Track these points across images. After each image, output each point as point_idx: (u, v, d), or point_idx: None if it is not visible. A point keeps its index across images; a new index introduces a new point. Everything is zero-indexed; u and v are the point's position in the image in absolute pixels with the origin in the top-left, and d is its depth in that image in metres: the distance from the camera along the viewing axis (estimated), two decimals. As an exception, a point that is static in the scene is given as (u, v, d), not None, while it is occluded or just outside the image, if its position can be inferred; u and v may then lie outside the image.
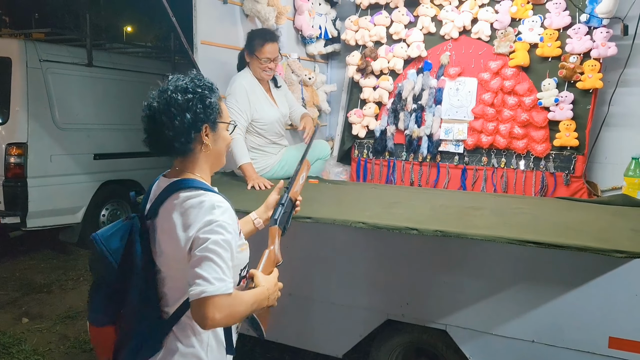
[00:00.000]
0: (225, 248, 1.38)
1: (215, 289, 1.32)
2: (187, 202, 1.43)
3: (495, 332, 2.40)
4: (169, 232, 1.44)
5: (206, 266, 1.34)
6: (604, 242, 1.95)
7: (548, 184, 3.71)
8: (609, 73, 3.57)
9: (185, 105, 1.46)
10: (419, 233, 2.16)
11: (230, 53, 3.58)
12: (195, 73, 1.57)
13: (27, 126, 4.92)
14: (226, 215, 1.43)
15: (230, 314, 1.37)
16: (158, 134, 1.48)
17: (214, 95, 1.53)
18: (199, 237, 1.38)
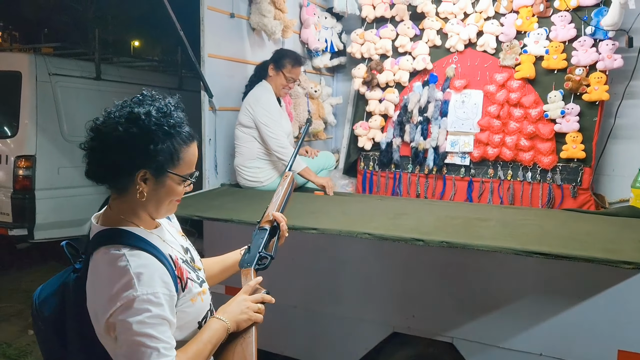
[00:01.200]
0: (155, 324, 1.17)
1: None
2: (104, 271, 1.20)
3: (502, 345, 2.38)
4: (89, 300, 1.22)
5: (138, 355, 1.14)
6: (611, 254, 1.94)
7: (555, 196, 3.69)
8: (615, 85, 3.57)
9: (123, 139, 1.22)
10: (425, 244, 2.15)
11: (237, 66, 3.62)
12: (176, 98, 1.34)
13: (36, 139, 4.96)
14: (151, 284, 1.18)
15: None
16: (93, 162, 1.27)
17: (171, 137, 1.26)
18: (119, 320, 1.15)
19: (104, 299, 1.16)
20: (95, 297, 1.20)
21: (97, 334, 1.21)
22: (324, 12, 4.41)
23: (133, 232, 1.27)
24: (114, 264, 1.18)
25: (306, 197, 3.27)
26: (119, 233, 1.25)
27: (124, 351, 1.15)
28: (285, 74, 3.43)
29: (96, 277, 1.20)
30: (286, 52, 3.55)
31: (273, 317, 2.89)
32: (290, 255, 2.82)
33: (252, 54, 3.72)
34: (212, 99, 3.33)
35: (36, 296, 1.32)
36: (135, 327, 1.14)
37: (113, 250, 1.20)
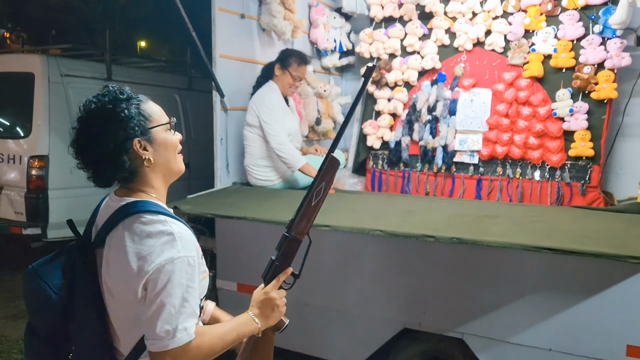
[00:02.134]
0: (188, 288, 1.22)
1: (178, 340, 1.20)
2: (141, 231, 1.24)
3: (512, 341, 2.41)
4: (119, 265, 1.24)
5: (166, 315, 1.19)
6: (619, 249, 1.96)
7: (564, 194, 3.71)
8: (623, 83, 3.58)
9: (101, 130, 1.28)
10: (436, 240, 2.19)
11: (247, 66, 3.67)
12: (103, 88, 1.36)
13: (49, 139, 5.03)
14: (189, 248, 1.25)
15: (192, 353, 1.23)
16: (95, 171, 1.33)
17: (127, 103, 1.31)
18: (157, 278, 1.19)
19: (144, 257, 1.21)
20: (133, 259, 1.22)
21: (125, 299, 1.24)
22: (332, 12, 4.44)
23: (160, 204, 1.34)
24: (151, 225, 1.24)
25: (317, 195, 3.30)
26: (148, 203, 1.30)
27: (154, 309, 1.19)
28: (291, 73, 3.48)
29: (131, 240, 1.23)
30: (292, 51, 3.61)
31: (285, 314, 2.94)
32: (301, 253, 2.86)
33: (262, 54, 3.76)
34: (223, 98, 3.38)
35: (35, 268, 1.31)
36: (170, 287, 1.19)
37: (147, 218, 1.25)
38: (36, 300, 1.31)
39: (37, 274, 1.30)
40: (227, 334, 1.33)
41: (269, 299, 1.44)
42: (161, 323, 1.18)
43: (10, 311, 4.47)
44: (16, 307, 4.56)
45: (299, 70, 3.51)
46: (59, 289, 1.29)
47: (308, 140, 4.21)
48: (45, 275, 1.30)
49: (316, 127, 4.21)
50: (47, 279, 1.29)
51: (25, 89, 5.05)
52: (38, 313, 1.33)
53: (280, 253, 1.49)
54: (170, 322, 1.19)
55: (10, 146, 5.11)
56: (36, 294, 1.30)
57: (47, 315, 1.30)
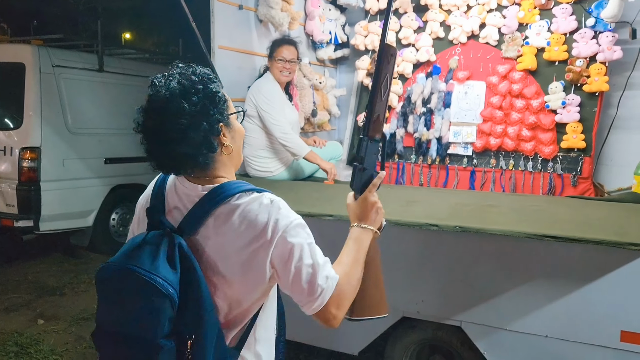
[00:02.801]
0: (310, 244, 1.26)
1: (329, 288, 1.24)
2: (249, 209, 1.21)
3: (509, 328, 2.45)
4: (230, 253, 1.21)
5: (306, 275, 1.22)
6: (618, 236, 2.02)
7: (556, 185, 3.78)
8: (614, 76, 3.65)
9: (196, 110, 1.19)
10: (439, 229, 2.23)
11: (245, 58, 3.67)
12: (182, 65, 1.29)
13: (41, 131, 4.99)
14: (292, 211, 1.27)
15: (346, 289, 1.30)
16: (170, 153, 1.21)
17: (216, 84, 1.27)
18: (283, 248, 1.21)
19: (261, 229, 1.20)
20: (250, 234, 1.20)
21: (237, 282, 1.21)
22: (328, 4, 4.45)
23: (247, 183, 1.30)
24: (255, 201, 1.22)
25: (317, 186, 3.33)
26: (237, 184, 1.27)
27: (296, 275, 1.21)
28: (276, 58, 3.50)
29: (240, 221, 1.20)
30: (273, 41, 3.63)
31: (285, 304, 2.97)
32: None
33: (259, 46, 3.77)
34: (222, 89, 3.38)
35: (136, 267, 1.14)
36: (301, 250, 1.22)
37: (247, 196, 1.23)
38: (149, 304, 1.12)
39: (145, 271, 1.12)
40: (357, 254, 1.38)
41: (372, 204, 1.45)
42: (306, 284, 1.22)
43: (3, 304, 4.44)
44: (8, 299, 4.54)
45: (280, 52, 3.51)
46: (174, 283, 1.14)
47: (304, 132, 4.22)
48: (155, 270, 1.13)
49: (312, 119, 4.23)
50: (160, 273, 1.13)
51: (15, 80, 5.00)
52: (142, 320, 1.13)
53: (365, 158, 1.46)
54: (314, 278, 1.22)
55: (1, 138, 5.07)
56: (149, 296, 1.12)
57: (168, 315, 1.14)
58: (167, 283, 1.12)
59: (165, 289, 1.12)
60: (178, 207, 1.28)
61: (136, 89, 5.87)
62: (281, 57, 3.49)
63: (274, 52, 3.52)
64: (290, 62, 3.53)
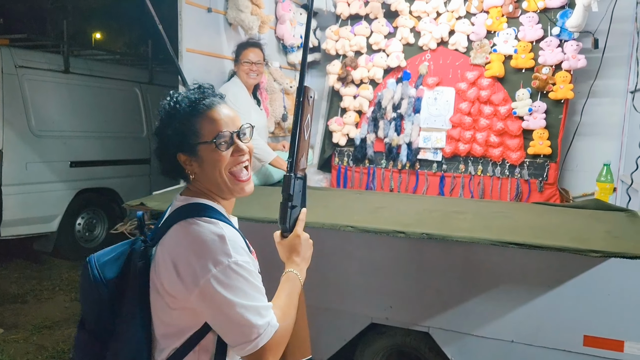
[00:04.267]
0: (252, 286, 1.21)
1: (265, 336, 1.20)
2: (191, 236, 1.23)
3: (476, 333, 2.47)
4: (169, 270, 1.22)
5: (242, 319, 1.18)
6: (580, 243, 2.05)
7: (522, 191, 3.84)
8: (579, 84, 3.73)
9: (159, 130, 1.34)
10: (406, 236, 2.23)
11: (214, 61, 3.63)
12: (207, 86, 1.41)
13: (2, 133, 4.83)
14: (239, 249, 1.23)
15: (282, 337, 1.26)
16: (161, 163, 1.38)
17: (186, 114, 1.30)
18: (214, 286, 1.17)
19: (200, 264, 1.19)
20: (188, 262, 1.20)
21: (173, 302, 1.23)
22: (299, 8, 4.44)
23: (219, 210, 1.33)
24: (207, 229, 1.23)
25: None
26: (208, 207, 1.30)
27: (226, 316, 1.18)
28: (242, 61, 3.49)
29: (187, 244, 1.22)
30: (238, 44, 3.60)
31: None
32: (269, 248, 2.85)
33: (228, 49, 3.72)
34: (189, 93, 3.33)
35: (95, 259, 1.31)
36: (233, 292, 1.18)
37: (199, 222, 1.25)
38: (87, 291, 1.30)
39: (94, 264, 1.29)
40: (291, 298, 1.36)
41: (305, 238, 1.47)
42: (240, 327, 1.18)
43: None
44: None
45: (246, 55, 3.49)
46: (111, 284, 1.28)
47: (274, 136, 4.20)
48: (102, 267, 1.29)
49: (282, 123, 4.21)
50: (103, 271, 1.29)
51: (-24, 81, 4.84)
52: (87, 305, 1.33)
53: (293, 194, 1.47)
54: (248, 323, 1.18)
55: (-39, 140, 4.88)
56: (88, 285, 1.28)
57: (94, 308, 1.30)
58: (101, 280, 1.27)
59: (96, 284, 1.27)
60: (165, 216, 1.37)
61: (103, 91, 5.76)
62: (247, 60, 3.47)
63: (240, 55, 3.49)
64: (257, 64, 3.51)
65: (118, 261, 1.31)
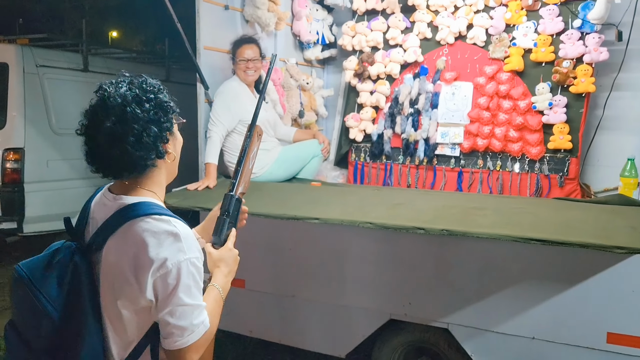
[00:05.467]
0: (197, 285, 1.26)
1: (197, 334, 1.25)
2: (145, 234, 1.21)
3: (496, 330, 2.46)
4: (122, 271, 1.21)
5: (183, 314, 1.22)
6: (604, 239, 2.02)
7: (542, 186, 3.79)
8: (601, 77, 3.66)
9: (148, 117, 1.26)
10: (425, 232, 2.22)
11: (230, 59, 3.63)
12: (128, 74, 1.34)
13: (24, 131, 4.92)
14: (192, 247, 1.26)
15: (207, 340, 1.31)
16: (122, 158, 1.24)
17: (165, 95, 1.35)
18: (166, 281, 1.20)
19: (149, 261, 1.19)
20: (139, 260, 1.20)
21: (123, 307, 1.23)
22: (315, 4, 4.42)
23: (160, 204, 1.32)
24: (154, 228, 1.22)
25: (304, 188, 3.31)
26: (150, 205, 1.27)
27: (169, 311, 1.21)
28: (237, 60, 3.46)
29: (135, 244, 1.21)
30: (233, 42, 3.55)
31: (271, 307, 2.96)
32: (289, 245, 2.87)
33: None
34: (208, 90, 3.35)
35: (27, 275, 1.21)
36: (181, 288, 1.21)
37: (151, 220, 1.23)
38: (31, 313, 1.21)
39: (31, 282, 1.20)
40: (217, 306, 1.38)
41: (234, 255, 1.51)
42: (179, 322, 1.22)
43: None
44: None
45: (241, 53, 3.45)
46: (56, 301, 1.21)
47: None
48: (40, 283, 1.21)
49: (299, 120, 4.21)
50: (43, 289, 1.20)
51: (-1, 80, 4.92)
52: (34, 327, 1.23)
53: (230, 212, 1.56)
54: (187, 319, 1.23)
55: (-16, 138, 4.98)
56: (31, 307, 1.20)
57: (45, 330, 1.22)
58: (45, 299, 1.19)
59: (42, 305, 1.19)
60: (95, 218, 1.32)
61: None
62: (243, 58, 3.43)
63: (236, 53, 3.46)
64: (254, 61, 3.46)
65: (57, 275, 1.23)
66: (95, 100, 1.28)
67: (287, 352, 3.42)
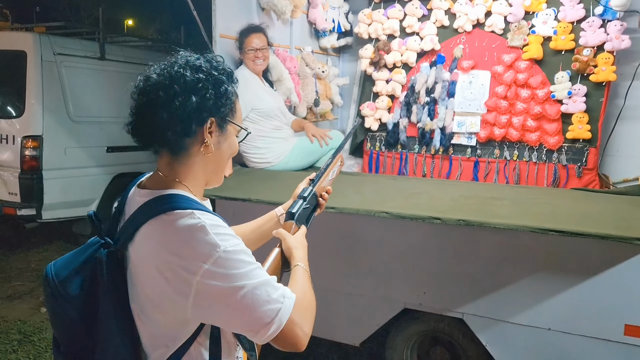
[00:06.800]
0: (250, 263, 1.09)
1: (287, 307, 1.09)
2: (172, 234, 1.07)
3: (512, 320, 2.45)
4: (152, 270, 1.08)
5: (253, 299, 1.06)
6: (624, 231, 1.99)
7: (560, 176, 3.74)
8: (622, 66, 3.59)
9: (193, 84, 1.12)
10: (442, 222, 2.21)
11: (247, 46, 3.62)
12: (211, 54, 1.23)
13: (43, 119, 4.97)
14: (225, 235, 1.09)
15: (310, 311, 1.18)
16: (148, 116, 1.12)
17: (231, 84, 1.21)
18: (215, 285, 1.04)
19: (188, 265, 1.04)
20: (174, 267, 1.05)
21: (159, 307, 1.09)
22: (331, -9, 4.39)
23: (192, 198, 1.16)
24: (185, 221, 1.07)
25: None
26: (180, 198, 1.13)
27: (239, 310, 1.05)
28: (245, 50, 3.42)
29: (167, 246, 1.06)
30: (240, 31, 3.50)
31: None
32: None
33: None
34: (223, 79, 3.35)
35: (53, 274, 1.12)
36: (232, 280, 1.04)
37: (176, 214, 1.08)
38: (54, 309, 1.14)
39: (54, 280, 1.11)
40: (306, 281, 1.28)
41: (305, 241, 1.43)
42: (256, 309, 1.06)
43: (6, 292, 4.47)
44: (11, 287, 4.56)
45: (249, 42, 3.41)
46: (76, 301, 1.11)
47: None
48: (63, 282, 1.11)
49: (314, 109, 4.20)
50: (65, 287, 1.10)
51: (17, 68, 4.98)
52: (57, 324, 1.16)
53: (308, 200, 1.53)
54: (259, 307, 1.06)
55: (3, 126, 5.06)
56: (54, 303, 1.12)
57: (65, 328, 1.14)
58: (64, 296, 1.10)
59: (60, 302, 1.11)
60: (125, 213, 1.19)
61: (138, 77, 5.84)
62: (251, 47, 3.40)
63: (243, 43, 3.42)
64: (262, 50, 3.42)
65: (81, 272, 1.12)
66: None
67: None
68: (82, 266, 1.12)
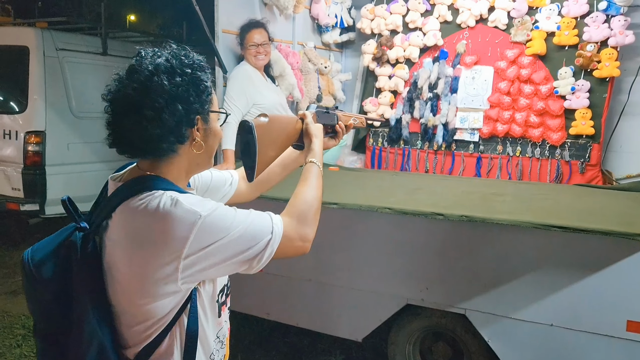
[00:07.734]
0: (231, 215, 1.11)
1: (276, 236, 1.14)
2: (147, 210, 1.06)
3: (514, 316, 2.45)
4: (125, 254, 1.08)
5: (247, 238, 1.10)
6: (626, 227, 1.99)
7: (563, 172, 3.74)
8: (626, 61, 3.58)
9: (174, 92, 1.09)
10: (445, 218, 2.20)
11: (249, 42, 3.61)
12: (176, 46, 1.18)
13: (45, 115, 4.97)
14: (201, 204, 1.09)
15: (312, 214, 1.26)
16: (136, 132, 1.10)
17: (206, 75, 1.17)
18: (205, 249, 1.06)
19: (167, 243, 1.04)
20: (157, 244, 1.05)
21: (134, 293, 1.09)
22: (334, -13, 4.37)
23: (169, 181, 1.14)
24: (161, 203, 1.06)
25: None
26: (153, 179, 1.12)
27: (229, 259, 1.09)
28: (246, 45, 3.41)
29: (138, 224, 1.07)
30: (240, 27, 3.48)
31: (288, 290, 2.98)
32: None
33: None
34: (226, 74, 3.35)
35: (28, 258, 1.12)
36: (221, 235, 1.07)
37: (151, 194, 1.08)
38: (29, 291, 1.14)
39: (29, 264, 1.11)
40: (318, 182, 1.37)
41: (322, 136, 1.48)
42: (248, 257, 1.11)
43: (10, 287, 4.48)
44: (15, 282, 4.57)
45: (250, 38, 3.39)
46: (51, 284, 1.11)
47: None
48: (37, 265, 1.11)
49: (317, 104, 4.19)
50: (39, 269, 1.11)
51: (19, 63, 4.97)
52: (32, 305, 1.16)
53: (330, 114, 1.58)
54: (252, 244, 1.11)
55: (6, 121, 5.06)
56: (28, 286, 1.13)
57: (39, 307, 1.15)
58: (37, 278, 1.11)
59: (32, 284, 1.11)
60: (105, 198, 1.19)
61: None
62: (253, 43, 3.38)
63: (244, 39, 3.40)
64: (263, 45, 3.41)
65: (55, 255, 1.13)
66: (128, 66, 1.14)
67: (305, 336, 3.45)
68: (56, 249, 1.13)
